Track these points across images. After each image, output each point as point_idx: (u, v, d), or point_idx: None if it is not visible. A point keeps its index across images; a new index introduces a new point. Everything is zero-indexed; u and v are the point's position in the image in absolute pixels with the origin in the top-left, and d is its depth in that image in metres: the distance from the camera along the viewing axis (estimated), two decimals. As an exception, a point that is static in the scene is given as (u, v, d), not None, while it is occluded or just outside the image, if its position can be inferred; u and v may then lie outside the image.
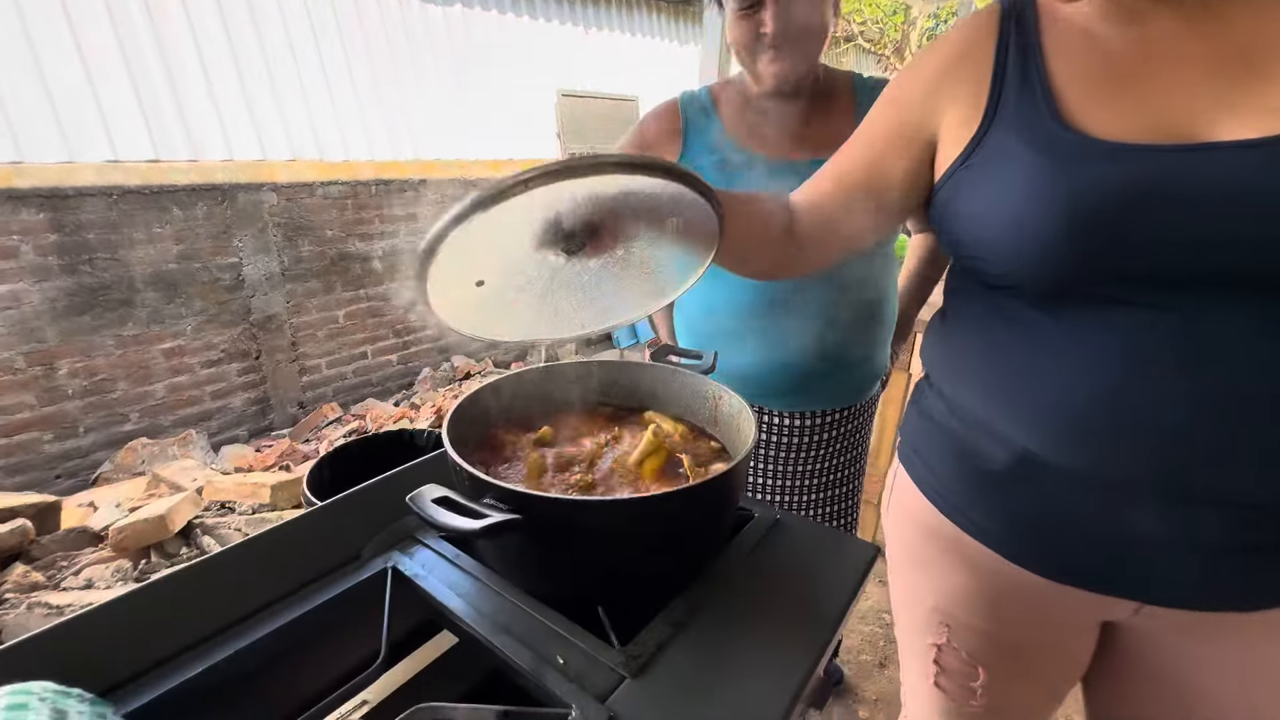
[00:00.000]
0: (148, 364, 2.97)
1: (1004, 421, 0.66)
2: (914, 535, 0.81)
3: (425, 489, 0.53)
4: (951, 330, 0.75)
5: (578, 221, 0.55)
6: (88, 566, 1.81)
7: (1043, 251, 0.60)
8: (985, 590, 0.74)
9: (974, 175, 0.64)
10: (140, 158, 2.84)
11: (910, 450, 0.81)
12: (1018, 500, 0.67)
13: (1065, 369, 0.61)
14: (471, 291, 0.58)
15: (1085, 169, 0.57)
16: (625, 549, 0.58)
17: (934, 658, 0.83)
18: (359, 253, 3.61)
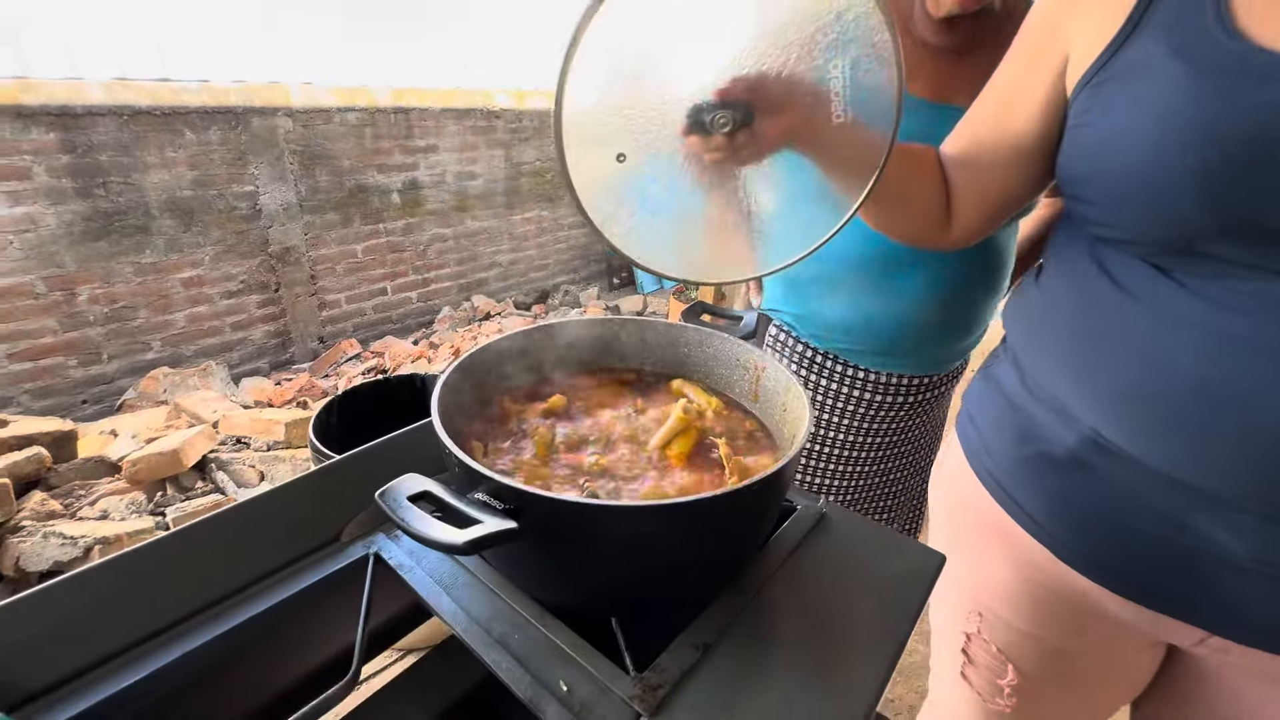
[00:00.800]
0: (167, 293, 2.94)
1: (1077, 397, 0.57)
2: (957, 512, 0.74)
3: (402, 482, 0.42)
4: (1045, 288, 0.64)
5: (739, 89, 0.49)
6: (104, 497, 1.81)
7: (1175, 194, 0.47)
8: (1025, 585, 0.66)
9: (1103, 94, 0.52)
10: (149, 76, 2.71)
11: (968, 419, 0.73)
12: (1076, 491, 0.58)
13: (1163, 342, 0.50)
14: (609, 166, 0.51)
15: (1250, 90, 0.43)
16: (646, 558, 0.48)
17: (962, 646, 0.77)
18: (378, 185, 3.48)
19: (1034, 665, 0.71)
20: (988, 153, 0.64)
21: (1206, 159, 0.45)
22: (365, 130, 3.35)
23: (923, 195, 0.68)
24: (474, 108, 3.75)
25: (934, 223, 0.69)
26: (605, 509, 0.43)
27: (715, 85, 0.49)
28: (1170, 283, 0.51)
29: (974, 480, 0.70)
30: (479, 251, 4.11)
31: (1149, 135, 0.48)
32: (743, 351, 0.70)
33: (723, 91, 0.49)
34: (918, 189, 0.67)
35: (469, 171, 3.89)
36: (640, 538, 0.46)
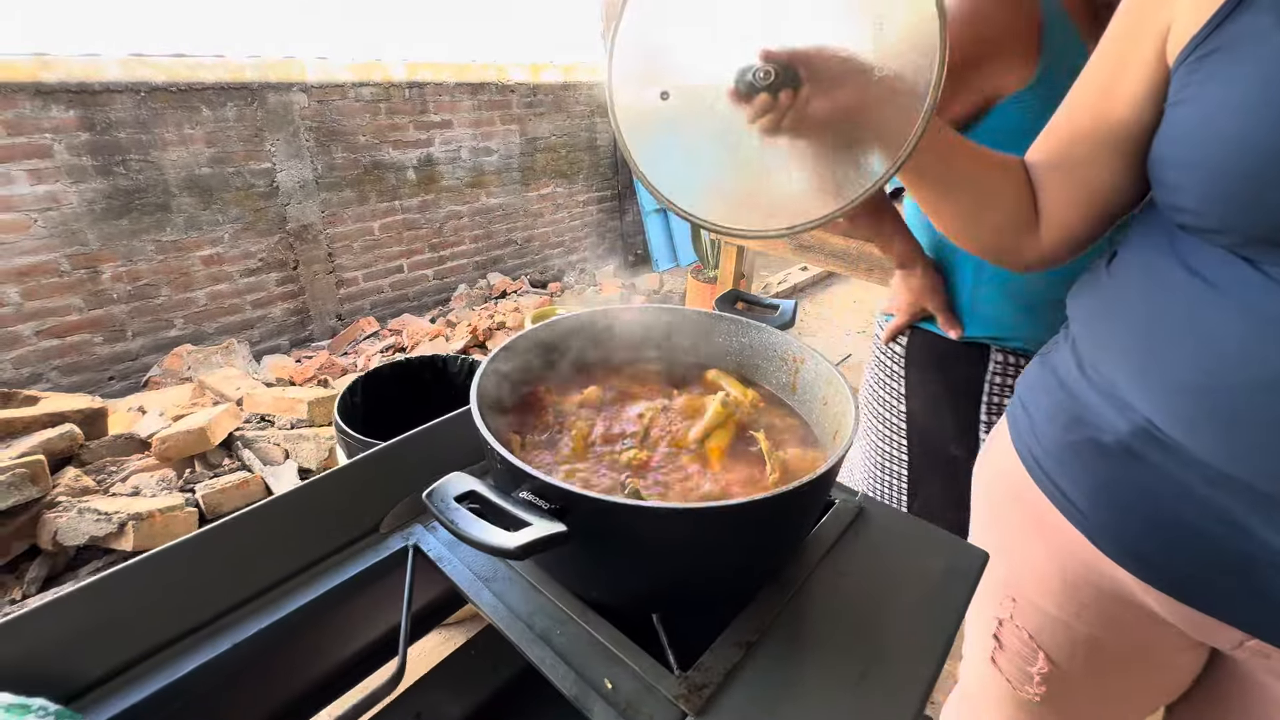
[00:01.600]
0: (188, 270, 2.96)
1: (1136, 385, 0.55)
2: (999, 495, 0.73)
3: (448, 482, 0.42)
4: (1116, 275, 0.61)
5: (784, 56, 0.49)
6: (135, 474, 1.84)
7: (1273, 179, 0.44)
8: (1060, 572, 0.65)
9: (1204, 68, 0.48)
10: (164, 52, 2.69)
11: (1019, 406, 0.71)
12: (1122, 480, 0.56)
13: (1239, 333, 0.48)
14: (653, 104, 0.53)
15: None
16: (690, 558, 0.48)
17: (994, 632, 0.76)
18: (393, 161, 3.46)
19: (1065, 654, 0.70)
20: (1086, 145, 0.60)
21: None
22: (380, 106, 3.32)
23: (1002, 199, 0.64)
24: (488, 82, 3.70)
25: (1016, 232, 0.65)
26: (652, 511, 0.42)
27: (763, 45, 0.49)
28: (1257, 274, 0.48)
29: (1018, 464, 0.68)
30: (494, 229, 4.09)
31: (1249, 114, 0.45)
32: (780, 342, 0.69)
33: (768, 54, 0.49)
34: (996, 192, 0.64)
35: (484, 147, 3.85)
36: (686, 539, 0.45)
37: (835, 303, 4.01)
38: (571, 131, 4.30)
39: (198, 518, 1.73)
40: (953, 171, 0.62)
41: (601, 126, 4.46)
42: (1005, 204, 0.64)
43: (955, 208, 0.66)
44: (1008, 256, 0.68)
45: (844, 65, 0.49)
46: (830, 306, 3.95)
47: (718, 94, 0.51)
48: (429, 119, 3.54)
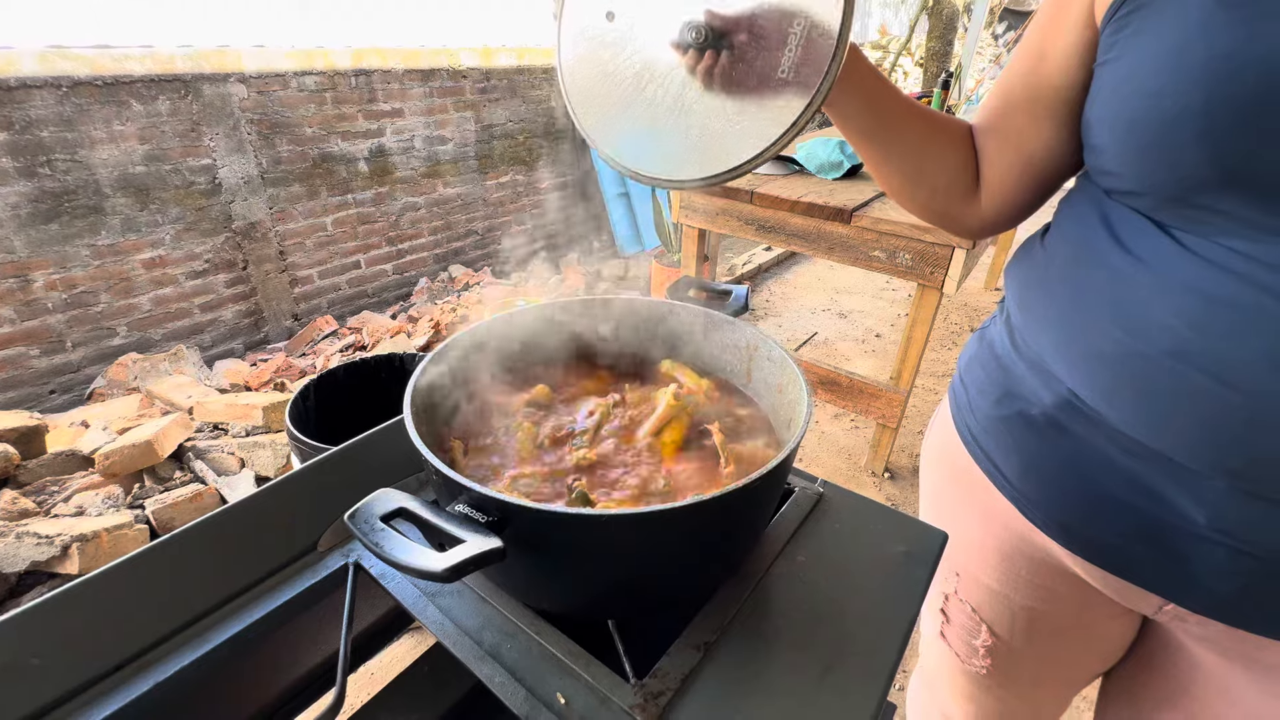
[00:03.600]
0: (128, 275, 2.82)
1: (1058, 356, 0.55)
2: (941, 472, 0.74)
3: (374, 500, 0.39)
4: (1048, 245, 0.61)
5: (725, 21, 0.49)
6: (78, 492, 1.75)
7: (1179, 137, 0.44)
8: (997, 545, 0.67)
9: (1128, 26, 0.48)
10: (86, 43, 2.53)
11: (959, 380, 0.72)
12: (1048, 452, 0.57)
13: (1147, 302, 0.48)
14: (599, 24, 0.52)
15: (1270, 16, 0.40)
16: (643, 562, 0.46)
17: (941, 606, 0.78)
18: (343, 154, 3.34)
19: (1006, 626, 0.72)
20: (1022, 110, 0.60)
21: (1211, 97, 0.42)
22: (325, 95, 3.19)
23: (944, 163, 0.64)
24: (439, 68, 3.58)
25: (958, 196, 0.66)
26: (594, 519, 0.40)
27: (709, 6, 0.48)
28: (1167, 239, 0.48)
29: (956, 439, 0.69)
30: (453, 220, 3.99)
31: (1161, 70, 0.45)
32: (733, 330, 0.67)
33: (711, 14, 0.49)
34: (937, 155, 0.64)
35: (438, 136, 3.74)
36: (634, 544, 0.43)
37: (799, 282, 4.03)
38: (529, 118, 4.20)
39: (149, 535, 1.65)
40: (886, 123, 0.62)
41: (560, 112, 4.37)
42: (946, 166, 0.64)
43: (897, 165, 0.66)
44: (949, 222, 0.69)
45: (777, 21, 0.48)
46: (794, 286, 3.97)
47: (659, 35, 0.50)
48: (379, 108, 3.42)
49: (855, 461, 2.39)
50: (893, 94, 0.61)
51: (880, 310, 3.64)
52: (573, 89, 0.55)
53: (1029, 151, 0.61)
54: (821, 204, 2.01)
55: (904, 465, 2.38)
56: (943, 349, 3.22)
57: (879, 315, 3.58)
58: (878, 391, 2.15)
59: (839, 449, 2.46)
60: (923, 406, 2.75)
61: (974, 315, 3.58)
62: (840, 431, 2.56)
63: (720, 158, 0.52)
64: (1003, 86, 0.63)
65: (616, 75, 0.52)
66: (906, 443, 2.51)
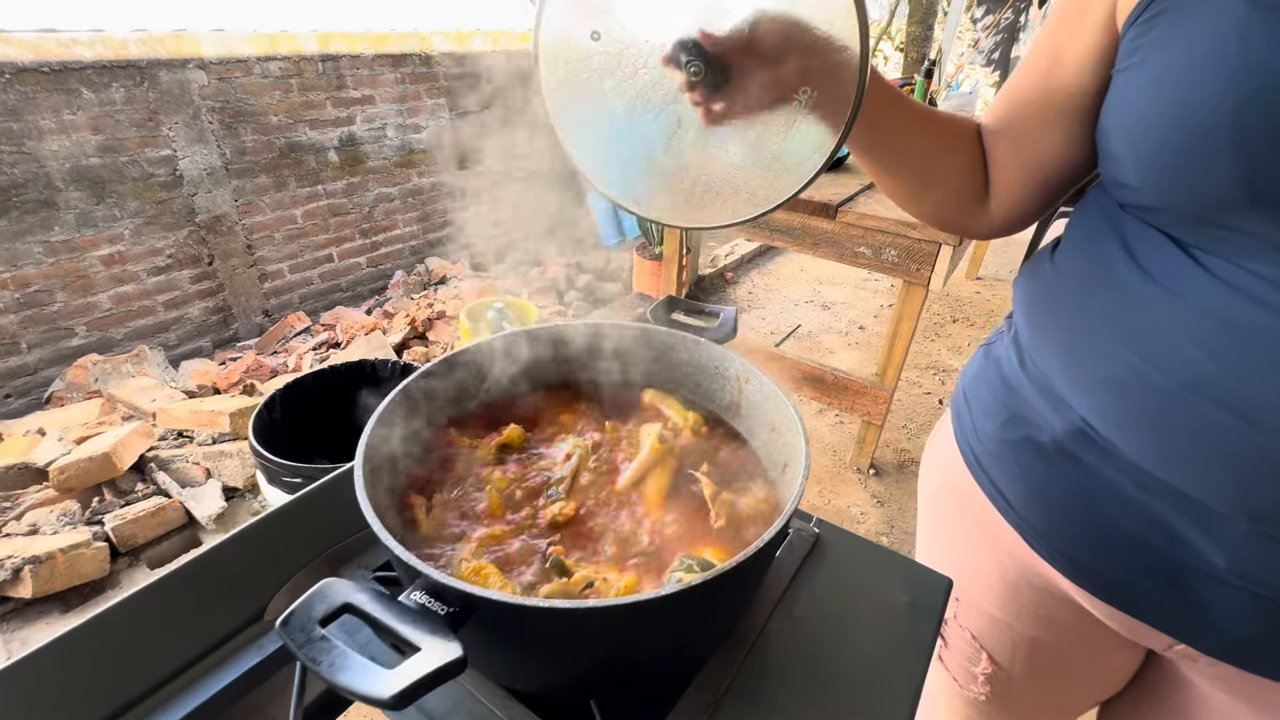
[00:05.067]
0: (85, 272, 2.69)
1: (1070, 381, 0.52)
2: (941, 493, 0.71)
3: (311, 600, 0.34)
4: (1058, 262, 0.58)
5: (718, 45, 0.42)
6: (32, 509, 1.67)
7: (1207, 150, 0.41)
8: (1001, 572, 0.64)
9: (1153, 30, 0.44)
10: (29, 27, 2.38)
11: (962, 398, 0.68)
12: (1057, 481, 0.54)
13: (1167, 328, 0.45)
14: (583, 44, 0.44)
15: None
16: (625, 647, 0.41)
17: (940, 630, 0.74)
18: (311, 143, 3.21)
19: (1007, 654, 0.69)
20: (1034, 112, 0.57)
21: (1243, 107, 0.38)
22: (291, 82, 3.06)
23: (954, 169, 0.61)
24: (410, 53, 3.45)
25: (968, 201, 0.63)
26: (569, 613, 0.35)
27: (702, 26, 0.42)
28: (1186, 259, 0.45)
29: (959, 460, 0.66)
30: (429, 210, 3.88)
31: (1188, 78, 0.41)
32: (722, 359, 0.62)
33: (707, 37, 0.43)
34: (949, 161, 0.61)
35: (411, 124, 3.62)
36: (618, 631, 0.39)
37: (782, 273, 3.99)
38: (505, 104, 4.09)
39: (109, 553, 1.58)
40: (894, 136, 0.58)
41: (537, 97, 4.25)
42: (956, 171, 0.61)
43: (905, 174, 0.62)
44: (958, 227, 0.66)
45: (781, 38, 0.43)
46: (777, 277, 3.93)
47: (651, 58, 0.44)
48: (348, 95, 3.29)
49: (840, 458, 2.37)
50: (900, 104, 0.57)
51: (863, 301, 3.62)
52: (559, 117, 0.49)
53: (1040, 156, 0.58)
54: (805, 199, 1.96)
55: (889, 461, 2.37)
56: (926, 341, 3.22)
57: (862, 306, 3.56)
58: (863, 389, 2.13)
59: (824, 446, 2.44)
60: (908, 400, 2.74)
61: (956, 306, 3.57)
62: (825, 427, 2.54)
63: (726, 209, 0.47)
64: (1014, 88, 0.59)
65: (606, 103, 0.46)
66: (892, 438, 2.50)
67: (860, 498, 2.19)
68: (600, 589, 0.44)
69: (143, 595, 0.47)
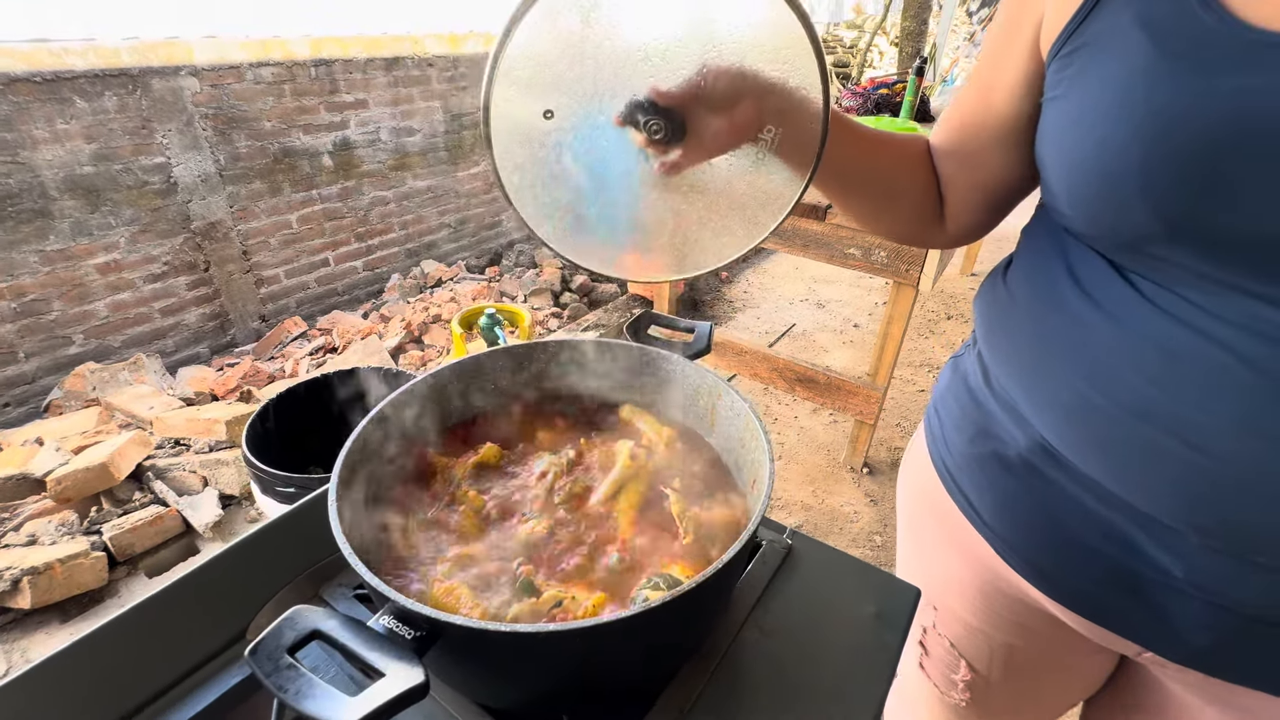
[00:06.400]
0: (82, 281, 2.70)
1: (1027, 402, 0.54)
2: (916, 505, 0.73)
3: (279, 630, 0.35)
4: (1010, 282, 0.60)
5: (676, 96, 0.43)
6: (30, 520, 1.68)
7: (1123, 190, 0.43)
8: (976, 581, 0.66)
9: (1073, 65, 0.47)
10: (21, 37, 2.39)
11: (933, 410, 0.71)
12: (1023, 494, 0.56)
13: (1109, 352, 0.47)
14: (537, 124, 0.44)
15: (1223, 74, 0.38)
16: (592, 666, 0.42)
17: (920, 639, 0.78)
18: (305, 147, 3.22)
19: (984, 661, 0.71)
20: (972, 137, 0.59)
21: (1149, 152, 0.41)
22: (284, 87, 3.07)
23: (912, 189, 0.63)
24: (403, 56, 3.46)
25: (925, 219, 0.65)
26: (532, 636, 0.36)
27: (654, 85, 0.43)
28: (1125, 285, 0.47)
29: (932, 472, 0.68)
30: (424, 213, 3.89)
31: (1103, 117, 0.43)
32: (693, 375, 0.63)
33: (660, 94, 0.44)
34: (906, 183, 0.63)
35: (405, 127, 3.62)
36: (583, 651, 0.40)
37: (777, 271, 4.00)
38: (498, 105, 4.09)
39: (107, 562, 1.59)
40: (854, 166, 0.60)
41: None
42: (912, 191, 0.63)
43: (867, 199, 0.65)
44: (914, 241, 0.69)
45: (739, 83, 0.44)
46: (772, 276, 3.94)
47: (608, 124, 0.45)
48: (341, 99, 3.30)
49: (834, 457, 2.38)
50: (855, 130, 0.58)
51: (858, 299, 3.63)
52: (521, 200, 0.48)
53: (985, 177, 0.61)
54: (796, 201, 1.96)
55: (883, 459, 2.38)
56: (920, 338, 3.23)
57: (856, 304, 3.57)
58: (855, 388, 2.14)
59: (818, 445, 2.45)
60: (900, 399, 2.75)
61: (950, 303, 3.58)
62: (819, 426, 2.55)
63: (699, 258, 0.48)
64: (956, 112, 0.61)
65: (569, 180, 0.47)
66: (885, 436, 2.51)
67: (854, 496, 2.21)
68: (569, 608, 0.45)
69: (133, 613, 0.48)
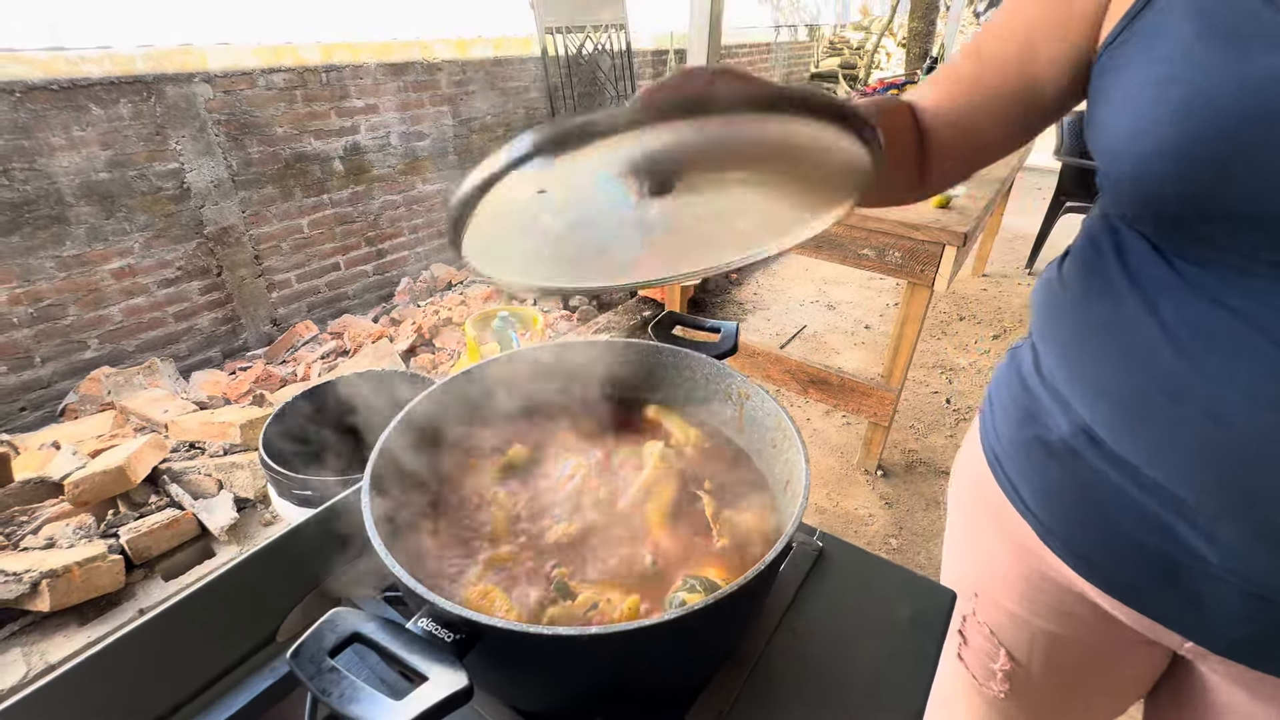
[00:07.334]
0: (97, 286, 2.72)
1: (1070, 387, 0.55)
2: (966, 492, 0.73)
3: (321, 631, 0.34)
4: (1066, 270, 0.60)
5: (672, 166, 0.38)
6: (49, 523, 1.69)
7: (1157, 171, 0.44)
8: (1019, 569, 0.65)
9: (1123, 53, 0.47)
10: (38, 46, 2.41)
11: (988, 401, 0.71)
12: (1067, 480, 0.56)
13: (1146, 334, 0.48)
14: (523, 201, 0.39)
15: (1260, 54, 0.38)
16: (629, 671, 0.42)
17: (959, 627, 0.76)
18: (316, 152, 3.23)
19: (1025, 650, 0.70)
20: (995, 102, 0.57)
21: (1182, 131, 0.41)
22: (295, 93, 3.09)
23: (895, 160, 0.59)
24: (412, 61, 3.48)
25: (910, 184, 0.63)
26: (573, 640, 0.35)
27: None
28: (1165, 267, 0.47)
29: (982, 462, 0.68)
30: (434, 217, 3.90)
31: (1145, 102, 0.44)
32: (722, 375, 0.63)
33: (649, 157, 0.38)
34: (895, 160, 0.59)
35: (415, 131, 3.64)
36: (621, 654, 0.39)
37: (787, 273, 3.98)
38: (507, 110, 4.11)
39: (124, 565, 1.60)
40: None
41: (538, 103, 4.27)
42: (899, 161, 0.60)
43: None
44: (892, 203, 0.68)
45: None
46: (782, 278, 3.93)
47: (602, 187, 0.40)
48: (351, 105, 3.31)
49: (848, 459, 2.37)
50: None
51: (868, 300, 3.61)
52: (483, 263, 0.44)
53: (988, 142, 0.60)
54: (809, 202, 1.95)
55: (897, 462, 2.37)
56: (932, 339, 3.20)
57: (867, 306, 3.55)
58: (869, 390, 2.13)
59: (831, 447, 2.43)
60: (915, 400, 2.73)
61: (962, 304, 3.56)
62: (832, 429, 2.54)
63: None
64: (971, 75, 0.58)
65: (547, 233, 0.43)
66: (899, 439, 2.49)
67: (868, 499, 2.19)
68: (604, 610, 0.45)
69: (158, 620, 0.48)
